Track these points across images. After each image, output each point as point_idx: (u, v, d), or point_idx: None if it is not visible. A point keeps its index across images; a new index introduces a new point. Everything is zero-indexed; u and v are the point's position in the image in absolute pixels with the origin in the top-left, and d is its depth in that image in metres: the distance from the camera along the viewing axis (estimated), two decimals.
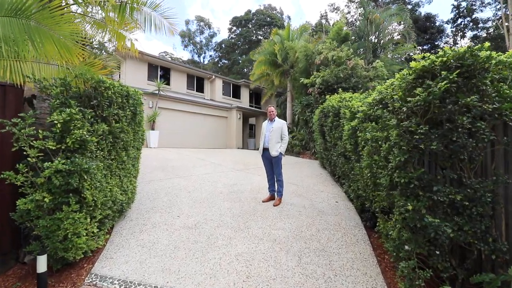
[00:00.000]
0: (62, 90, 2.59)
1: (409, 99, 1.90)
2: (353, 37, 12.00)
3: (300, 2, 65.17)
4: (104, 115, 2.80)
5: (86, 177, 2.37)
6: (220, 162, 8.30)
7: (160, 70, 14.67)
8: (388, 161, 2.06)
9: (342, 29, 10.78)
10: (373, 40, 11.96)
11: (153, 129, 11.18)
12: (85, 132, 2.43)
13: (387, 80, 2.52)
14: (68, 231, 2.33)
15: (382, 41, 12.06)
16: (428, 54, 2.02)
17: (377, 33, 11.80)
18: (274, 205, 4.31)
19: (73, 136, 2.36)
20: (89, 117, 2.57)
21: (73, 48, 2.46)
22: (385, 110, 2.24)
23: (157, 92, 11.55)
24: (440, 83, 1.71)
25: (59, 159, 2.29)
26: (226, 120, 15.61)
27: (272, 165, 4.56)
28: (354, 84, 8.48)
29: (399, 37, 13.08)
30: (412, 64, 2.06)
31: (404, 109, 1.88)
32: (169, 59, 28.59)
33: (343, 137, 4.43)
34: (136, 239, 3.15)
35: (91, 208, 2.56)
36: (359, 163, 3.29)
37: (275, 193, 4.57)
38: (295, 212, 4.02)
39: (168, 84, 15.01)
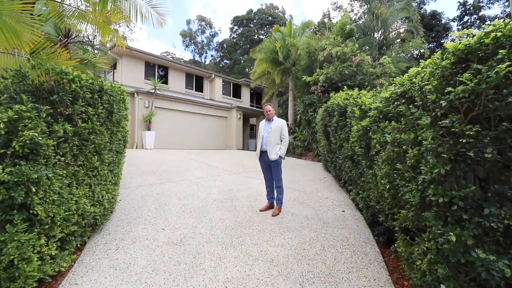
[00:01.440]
0: (14, 82, 2.14)
1: (448, 89, 1.41)
2: (357, 34, 11.47)
3: (301, 2, 64.57)
4: (67, 113, 2.35)
5: (35, 189, 1.91)
6: (217, 164, 7.84)
7: (158, 69, 14.26)
8: (418, 171, 1.58)
9: (346, 25, 10.26)
10: (378, 37, 11.42)
11: (149, 129, 10.76)
12: (37, 134, 1.97)
13: (394, 78, 2.06)
14: (13, 256, 1.88)
15: (388, 37, 11.50)
16: (470, 30, 1.54)
17: (383, 29, 11.26)
18: (273, 215, 3.83)
19: (21, 138, 1.91)
20: (45, 115, 2.11)
21: (23, 32, 2.00)
22: (411, 106, 1.75)
23: (153, 91, 11.12)
24: (499, 66, 1.23)
25: (0, 167, 1.84)
26: (226, 120, 15.16)
27: (271, 169, 4.10)
28: (360, 82, 7.97)
29: (403, 34, 12.49)
30: (449, 45, 1.58)
31: (443, 103, 1.39)
32: (168, 57, 28.19)
33: (350, 139, 3.95)
34: (110, 258, 2.68)
35: (47, 226, 2.10)
36: (372, 169, 2.80)
37: (274, 201, 4.10)
38: (296, 224, 3.54)
39: (166, 83, 14.59)
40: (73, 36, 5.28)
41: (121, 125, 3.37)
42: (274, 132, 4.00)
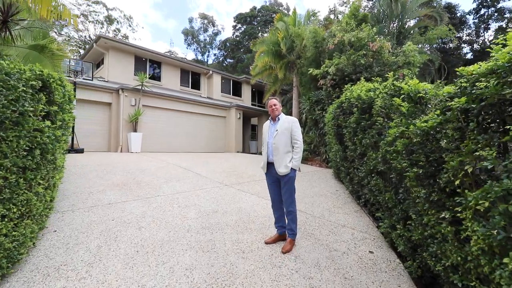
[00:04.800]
0: None
1: None
2: (371, 22, 10.09)
3: (304, 2, 62.63)
4: None
5: None
6: (207, 173, 6.61)
7: (150, 64, 13.10)
8: None
9: (359, 10, 8.92)
10: (396, 25, 10.02)
11: (135, 130, 9.59)
12: None
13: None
14: None
15: (406, 24, 10.07)
16: None
17: (401, 15, 9.83)
18: (283, 252, 2.70)
19: None
20: None
21: None
22: None
23: (140, 87, 9.94)
24: None
25: None
26: (224, 120, 13.93)
27: (279, 187, 2.93)
28: (378, 74, 6.64)
29: (425, 20, 10.99)
30: None
31: None
32: (170, 55, 27.12)
33: (382, 146, 2.66)
34: None
35: None
36: (448, 212, 1.50)
37: (286, 231, 2.96)
38: (302, 281, 2.27)
39: (158, 79, 13.44)
40: (15, 13, 4.11)
41: (30, 124, 2.15)
42: (282, 136, 2.81)
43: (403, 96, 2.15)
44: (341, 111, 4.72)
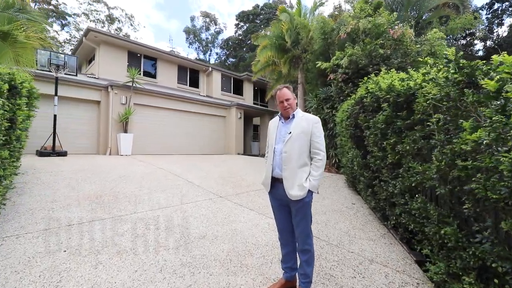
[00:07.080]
0: None
1: None
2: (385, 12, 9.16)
3: (307, 2, 61.70)
4: None
5: None
6: (200, 180, 5.76)
7: (144, 60, 12.30)
8: None
9: None
10: (413, 14, 9.08)
11: (125, 131, 8.79)
12: None
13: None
14: None
15: (423, 14, 9.12)
16: None
17: (418, 4, 8.89)
18: None
19: None
20: None
21: None
22: None
23: (131, 84, 9.13)
24: None
25: None
26: (224, 120, 13.08)
27: (289, 213, 2.04)
28: (399, 65, 5.74)
29: (445, 9, 10.01)
30: None
31: None
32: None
33: (437, 157, 1.79)
34: None
35: None
36: None
37: (296, 275, 2.12)
38: None
39: (154, 77, 12.64)
40: None
41: None
42: (297, 141, 1.91)
43: (499, 76, 1.27)
44: (361, 108, 3.83)
